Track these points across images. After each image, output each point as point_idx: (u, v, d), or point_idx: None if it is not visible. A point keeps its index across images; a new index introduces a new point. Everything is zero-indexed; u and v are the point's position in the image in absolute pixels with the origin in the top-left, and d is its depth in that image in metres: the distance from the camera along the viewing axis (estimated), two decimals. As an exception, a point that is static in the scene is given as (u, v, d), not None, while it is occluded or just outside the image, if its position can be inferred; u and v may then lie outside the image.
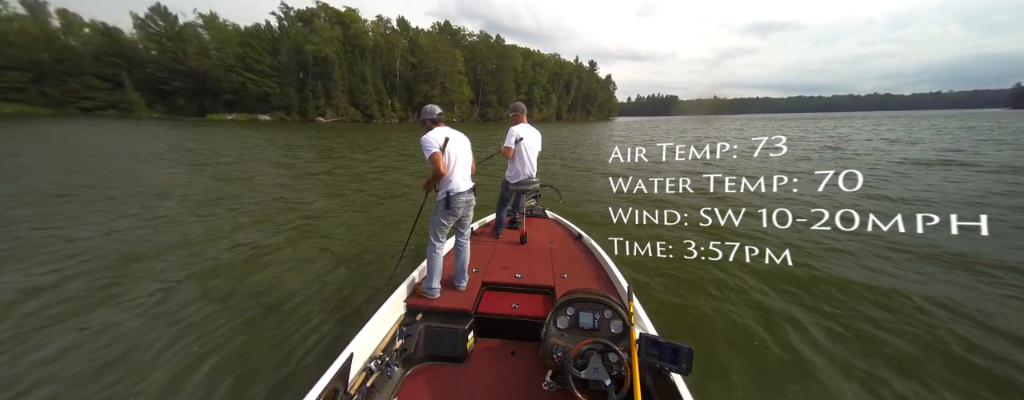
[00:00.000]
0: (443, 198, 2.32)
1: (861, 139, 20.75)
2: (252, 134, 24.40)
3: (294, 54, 50.24)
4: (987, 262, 4.04)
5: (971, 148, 14.83)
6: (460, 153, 2.36)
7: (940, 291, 3.44)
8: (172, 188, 7.72)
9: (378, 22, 62.56)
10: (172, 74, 47.96)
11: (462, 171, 2.38)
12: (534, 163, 3.49)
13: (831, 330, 2.87)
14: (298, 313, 3.02)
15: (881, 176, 9.39)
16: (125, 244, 4.54)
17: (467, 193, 2.38)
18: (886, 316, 3.06)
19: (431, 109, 2.38)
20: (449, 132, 2.34)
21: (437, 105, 2.42)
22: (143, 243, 4.59)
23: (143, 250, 4.36)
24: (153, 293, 3.32)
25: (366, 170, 11.04)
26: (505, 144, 3.33)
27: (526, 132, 3.35)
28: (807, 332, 2.83)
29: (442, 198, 2.33)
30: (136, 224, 5.32)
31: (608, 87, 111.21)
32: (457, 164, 2.33)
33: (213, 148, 15.49)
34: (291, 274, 3.75)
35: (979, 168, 10.13)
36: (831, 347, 2.66)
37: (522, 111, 3.39)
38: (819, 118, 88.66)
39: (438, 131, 2.29)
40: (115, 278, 3.63)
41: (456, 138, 2.37)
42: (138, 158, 12.02)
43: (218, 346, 2.60)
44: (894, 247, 4.49)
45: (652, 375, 1.67)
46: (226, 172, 9.92)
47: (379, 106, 58.17)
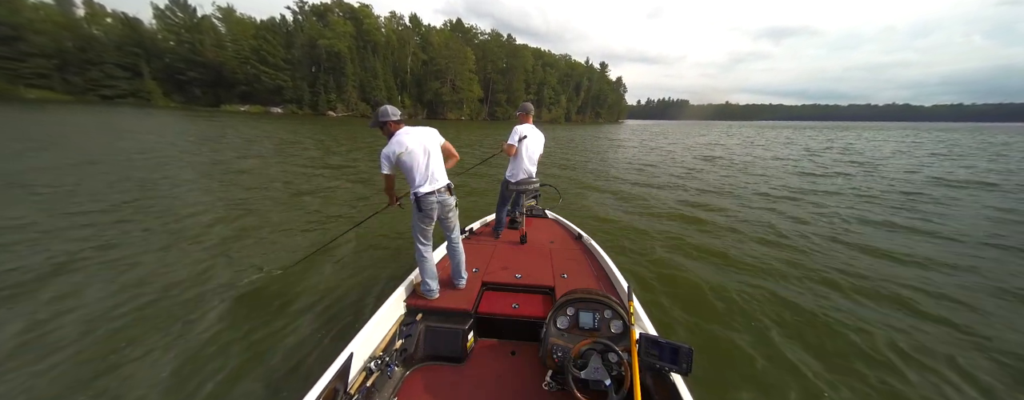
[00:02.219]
0: (413, 200, 2.26)
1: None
2: (271, 127, 24.63)
3: (308, 48, 50.88)
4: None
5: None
6: (421, 152, 2.19)
7: (950, 301, 3.55)
8: (161, 181, 7.63)
9: (391, 18, 63.07)
10: (189, 65, 49.01)
11: (427, 171, 2.21)
12: (535, 163, 3.51)
13: (830, 329, 2.94)
14: (298, 313, 3.01)
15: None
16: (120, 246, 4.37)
17: (437, 193, 2.24)
18: (885, 314, 3.14)
19: (390, 111, 2.22)
20: (409, 133, 2.20)
21: (392, 105, 2.29)
22: (143, 242, 4.48)
23: (143, 249, 4.27)
24: (153, 293, 3.28)
25: (370, 167, 10.88)
26: (508, 141, 3.32)
27: (530, 132, 3.36)
28: (806, 331, 2.90)
29: (413, 200, 2.27)
30: (135, 224, 5.12)
31: (619, 89, 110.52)
32: (420, 163, 2.19)
33: (230, 140, 15.87)
34: (291, 274, 3.72)
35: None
36: (831, 346, 2.70)
37: (530, 112, 3.41)
38: (829, 127, 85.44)
39: (394, 141, 2.17)
40: (115, 276, 3.57)
41: (416, 136, 2.20)
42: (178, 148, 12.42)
43: (218, 346, 2.59)
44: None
45: (652, 375, 1.67)
46: (229, 165, 9.87)
47: (389, 102, 58.63)
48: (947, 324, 3.15)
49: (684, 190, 8.97)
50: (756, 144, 24.99)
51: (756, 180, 10.49)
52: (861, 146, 23.40)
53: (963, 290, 3.76)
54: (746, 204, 7.48)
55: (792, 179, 10.71)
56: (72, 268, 3.71)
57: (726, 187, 9.36)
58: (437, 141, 2.33)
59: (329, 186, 8.08)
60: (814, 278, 3.95)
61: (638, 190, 8.89)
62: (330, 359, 1.68)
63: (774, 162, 14.91)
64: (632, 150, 19.68)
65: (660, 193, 8.55)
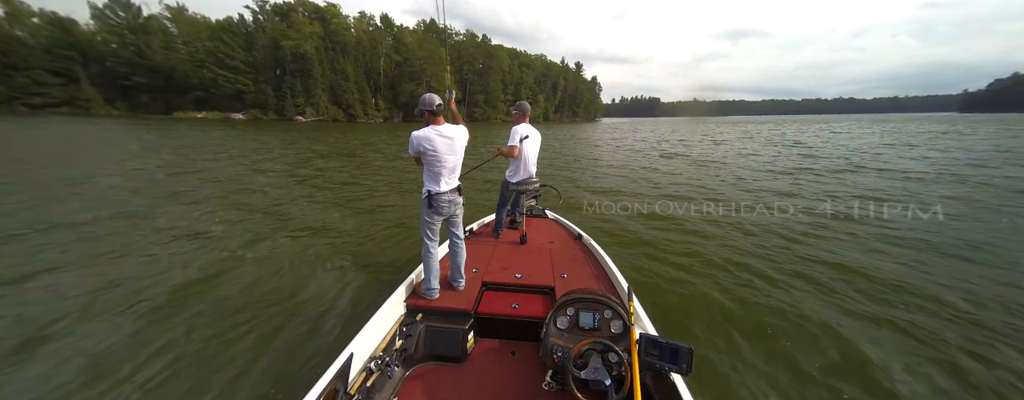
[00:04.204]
0: (425, 196, 2.29)
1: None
2: (238, 135, 22.41)
3: (270, 50, 47.62)
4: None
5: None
6: (448, 154, 2.25)
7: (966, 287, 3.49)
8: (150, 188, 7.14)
9: (361, 18, 60.39)
10: (135, 69, 44.42)
11: (446, 171, 2.28)
12: (534, 163, 3.48)
13: (830, 328, 2.89)
14: (298, 313, 3.00)
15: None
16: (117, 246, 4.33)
17: (449, 193, 2.32)
18: (887, 313, 3.09)
19: (429, 100, 2.19)
20: (442, 133, 2.21)
21: (435, 95, 2.21)
22: (139, 244, 4.43)
23: (139, 250, 4.26)
24: (151, 293, 3.28)
25: (362, 173, 10.09)
26: (511, 143, 3.24)
27: (530, 131, 3.32)
28: (807, 332, 2.84)
29: (424, 196, 2.30)
30: (131, 225, 5.13)
31: (594, 88, 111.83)
32: (443, 165, 2.24)
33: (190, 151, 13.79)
34: (291, 275, 3.70)
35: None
36: (831, 347, 2.67)
37: (527, 112, 3.37)
38: (796, 120, 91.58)
39: (429, 130, 2.19)
40: (116, 279, 3.54)
41: (447, 138, 2.23)
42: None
43: (218, 346, 2.58)
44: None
45: (652, 375, 1.66)
46: (211, 174, 9.31)
47: (362, 105, 56.01)
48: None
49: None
50: (774, 141, 24.86)
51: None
52: (845, 140, 23.87)
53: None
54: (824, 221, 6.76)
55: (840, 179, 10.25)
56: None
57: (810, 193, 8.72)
58: (464, 144, 2.36)
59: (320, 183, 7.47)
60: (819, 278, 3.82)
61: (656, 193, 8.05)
62: (330, 359, 1.66)
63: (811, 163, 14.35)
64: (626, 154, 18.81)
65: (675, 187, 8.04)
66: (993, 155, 13.27)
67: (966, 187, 8.08)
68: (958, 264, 4.11)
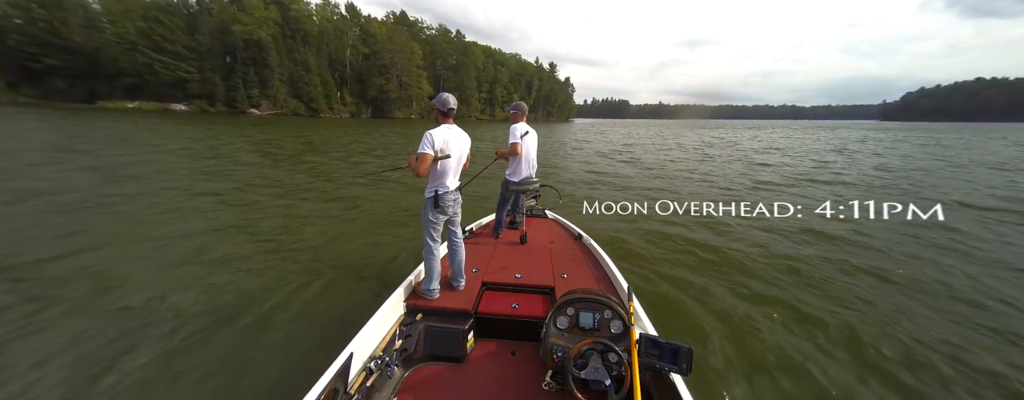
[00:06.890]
0: (431, 196, 2.30)
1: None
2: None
3: (218, 35, 42.56)
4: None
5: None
6: (459, 154, 2.33)
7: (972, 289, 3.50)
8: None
9: (324, 6, 55.98)
10: (46, 49, 37.79)
11: (454, 171, 2.34)
12: (534, 162, 3.46)
13: (829, 329, 2.83)
14: (298, 313, 2.95)
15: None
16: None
17: (454, 192, 2.35)
18: (885, 312, 3.08)
19: (445, 100, 2.27)
20: (452, 135, 2.27)
21: (451, 95, 2.28)
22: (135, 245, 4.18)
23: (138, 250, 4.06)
24: (152, 293, 3.17)
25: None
26: (511, 141, 3.26)
27: (528, 129, 3.33)
28: (807, 331, 2.80)
29: (430, 196, 2.30)
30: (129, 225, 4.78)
31: (567, 89, 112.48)
32: (451, 165, 2.28)
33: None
34: (291, 275, 3.57)
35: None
36: (831, 345, 2.63)
37: (524, 111, 3.36)
38: (752, 126, 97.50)
39: (442, 130, 2.23)
40: (115, 279, 3.40)
41: (457, 138, 2.31)
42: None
43: (218, 346, 2.52)
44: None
45: (652, 375, 1.66)
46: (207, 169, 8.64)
47: (326, 99, 51.78)
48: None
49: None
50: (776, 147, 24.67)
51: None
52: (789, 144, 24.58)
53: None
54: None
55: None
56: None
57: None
58: (467, 149, 2.44)
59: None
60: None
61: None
62: (330, 359, 1.63)
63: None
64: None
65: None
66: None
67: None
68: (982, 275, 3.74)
